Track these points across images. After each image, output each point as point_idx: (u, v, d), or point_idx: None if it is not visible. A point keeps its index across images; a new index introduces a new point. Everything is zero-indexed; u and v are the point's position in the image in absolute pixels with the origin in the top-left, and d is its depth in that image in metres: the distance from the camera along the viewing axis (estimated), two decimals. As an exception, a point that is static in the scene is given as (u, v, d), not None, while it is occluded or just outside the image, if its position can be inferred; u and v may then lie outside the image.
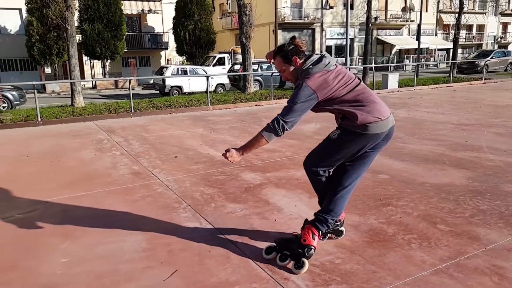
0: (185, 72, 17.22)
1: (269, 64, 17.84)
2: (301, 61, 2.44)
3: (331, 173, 2.64)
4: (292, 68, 2.47)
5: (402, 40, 32.98)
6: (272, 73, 13.33)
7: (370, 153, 2.48)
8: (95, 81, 22.74)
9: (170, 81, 16.47)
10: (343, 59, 29.75)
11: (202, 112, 10.49)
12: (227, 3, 31.19)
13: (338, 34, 30.66)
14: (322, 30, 29.76)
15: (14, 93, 12.83)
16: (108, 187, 4.26)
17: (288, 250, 2.56)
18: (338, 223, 2.83)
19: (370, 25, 16.69)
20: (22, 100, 13.11)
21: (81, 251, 2.84)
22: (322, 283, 2.35)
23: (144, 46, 26.73)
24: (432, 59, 33.98)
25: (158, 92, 17.32)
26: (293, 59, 2.43)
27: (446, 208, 3.40)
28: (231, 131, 7.43)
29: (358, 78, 2.46)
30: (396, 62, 31.63)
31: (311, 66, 2.37)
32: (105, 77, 24.14)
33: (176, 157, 5.52)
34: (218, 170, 4.82)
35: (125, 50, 23.44)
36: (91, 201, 3.86)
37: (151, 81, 21.04)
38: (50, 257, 2.77)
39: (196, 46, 24.02)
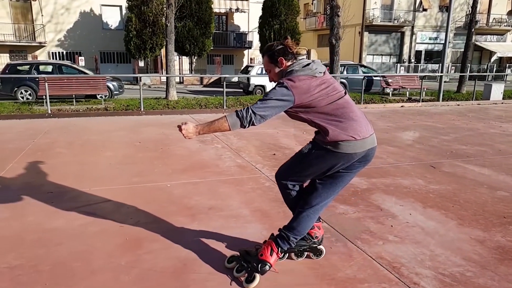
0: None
1: (355, 67, 17.46)
2: (289, 63, 2.29)
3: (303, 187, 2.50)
4: (277, 69, 2.33)
5: (505, 47, 29.88)
6: (365, 76, 13.19)
7: (344, 174, 2.30)
8: (183, 77, 24.13)
9: (254, 80, 16.92)
10: (435, 65, 28.11)
11: (289, 111, 10.61)
12: (312, 3, 31.13)
13: (430, 38, 28.93)
14: (412, 33, 28.31)
15: (114, 83, 14.05)
16: (219, 177, 4.55)
17: (246, 262, 2.49)
18: (316, 240, 2.65)
19: (473, 29, 15.52)
20: (121, 90, 14.35)
21: (209, 233, 3.09)
22: (457, 294, 2.30)
23: (229, 44, 27.72)
24: (541, 70, 30.48)
25: (241, 90, 17.88)
26: (279, 59, 2.29)
27: None
28: (323, 132, 7.44)
29: (344, 92, 2.28)
30: (496, 71, 28.94)
31: (297, 68, 2.23)
32: (191, 73, 25.50)
33: (274, 154, 5.69)
34: (319, 170, 4.88)
35: (211, 48, 24.52)
36: (207, 187, 4.16)
37: (232, 79, 21.77)
38: (183, 235, 3.05)
39: (280, 46, 24.28)
